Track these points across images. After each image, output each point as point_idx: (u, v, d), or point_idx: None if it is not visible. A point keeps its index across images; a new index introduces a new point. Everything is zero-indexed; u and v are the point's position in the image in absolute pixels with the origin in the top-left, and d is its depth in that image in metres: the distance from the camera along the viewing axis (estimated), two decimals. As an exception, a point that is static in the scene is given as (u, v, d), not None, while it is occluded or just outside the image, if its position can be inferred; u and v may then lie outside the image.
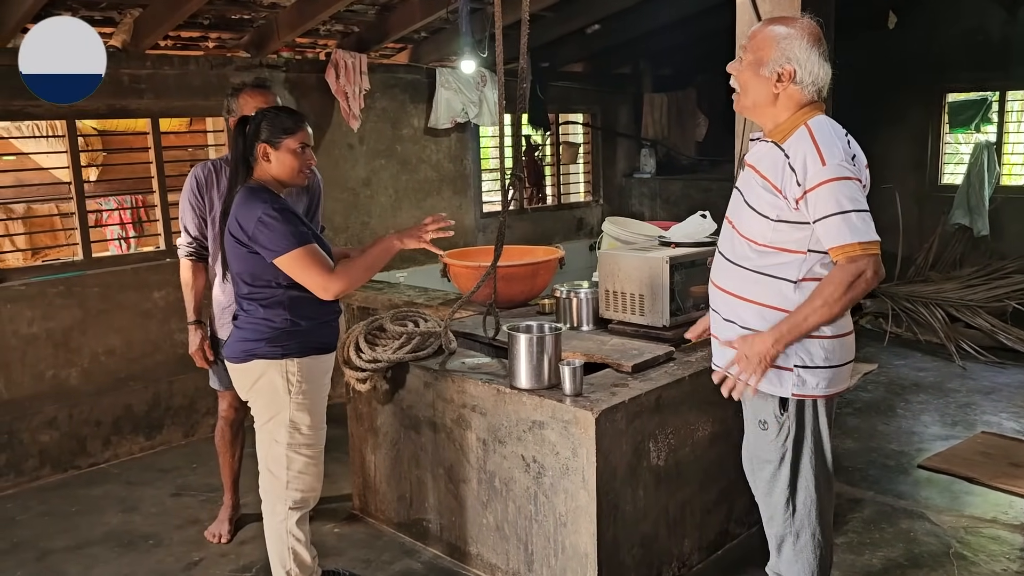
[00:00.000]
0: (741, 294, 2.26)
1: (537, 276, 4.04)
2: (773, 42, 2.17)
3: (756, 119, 2.31)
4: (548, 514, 2.79)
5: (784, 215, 2.14)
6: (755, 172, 2.24)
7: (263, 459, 2.73)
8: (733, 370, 2.25)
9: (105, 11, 4.18)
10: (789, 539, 2.39)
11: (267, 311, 2.61)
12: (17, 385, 4.06)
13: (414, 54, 5.79)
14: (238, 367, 2.67)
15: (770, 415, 2.28)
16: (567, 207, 7.14)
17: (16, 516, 3.78)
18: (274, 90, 3.37)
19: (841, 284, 2.06)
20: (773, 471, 2.33)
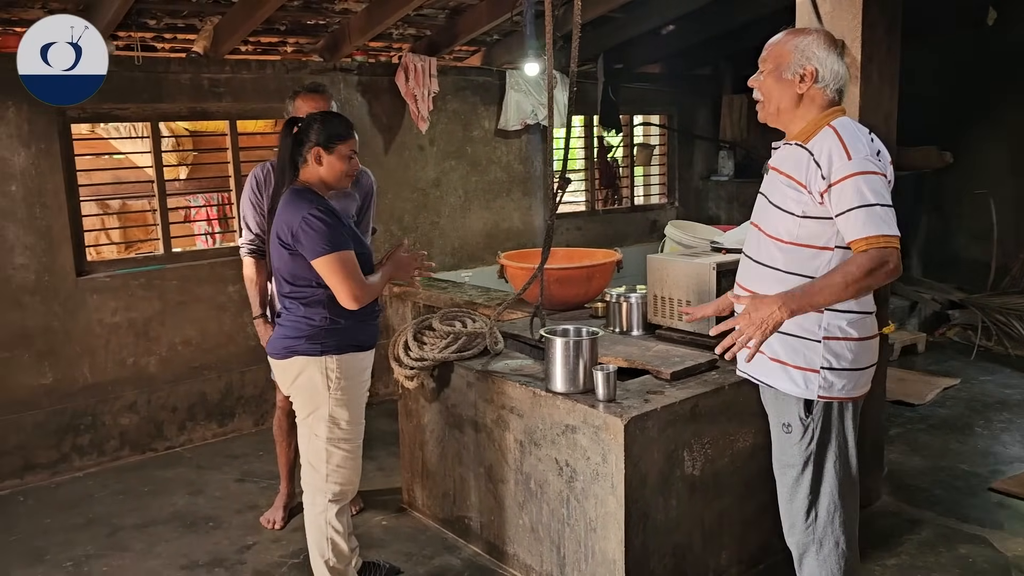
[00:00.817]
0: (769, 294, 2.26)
1: (592, 279, 4.04)
2: (791, 47, 2.26)
3: (781, 125, 2.35)
4: (579, 518, 2.79)
5: (810, 211, 2.17)
6: (779, 173, 2.28)
7: (304, 452, 2.83)
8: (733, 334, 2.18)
9: (187, 18, 4.41)
10: (812, 548, 2.37)
11: (307, 309, 2.70)
12: (101, 370, 4.33)
13: (486, 56, 5.86)
14: (279, 363, 2.77)
15: (795, 417, 2.29)
16: (640, 209, 7.07)
17: (95, 493, 4.04)
18: (330, 94, 3.48)
19: (863, 267, 2.06)
20: (796, 475, 2.33)
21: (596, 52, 6.04)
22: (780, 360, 2.27)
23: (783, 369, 2.27)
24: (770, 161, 2.36)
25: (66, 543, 3.53)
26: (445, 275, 5.49)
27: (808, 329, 2.22)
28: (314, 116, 2.79)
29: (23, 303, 4.08)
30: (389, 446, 4.25)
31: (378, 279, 2.78)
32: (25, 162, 4.03)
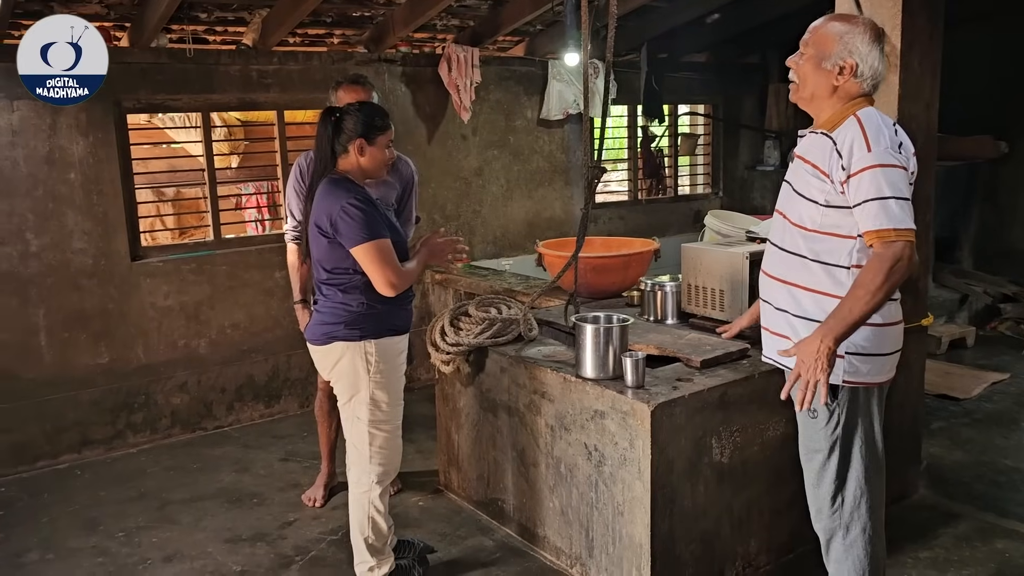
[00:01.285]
0: (794, 281, 2.31)
1: (629, 268, 4.07)
2: (836, 37, 2.24)
3: (811, 111, 2.36)
4: (607, 502, 2.84)
5: (832, 199, 2.19)
6: (803, 161, 2.30)
7: (347, 435, 2.92)
8: (799, 385, 2.19)
9: (237, 11, 4.54)
10: (838, 534, 2.39)
11: (345, 296, 2.77)
12: (154, 351, 4.51)
13: (529, 47, 5.89)
14: (319, 349, 2.85)
15: (820, 403, 2.26)
16: (684, 199, 7.05)
17: (147, 468, 4.22)
18: (371, 85, 3.54)
19: (880, 271, 2.07)
20: (823, 461, 2.35)
21: (639, 42, 6.03)
22: None
23: None
24: (796, 149, 2.38)
25: (119, 514, 3.71)
26: (486, 263, 5.57)
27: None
28: (354, 107, 2.85)
29: (81, 286, 4.26)
30: (428, 429, 4.34)
31: (414, 265, 2.86)
32: (83, 151, 4.21)
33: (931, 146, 3.30)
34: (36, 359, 4.19)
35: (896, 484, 3.43)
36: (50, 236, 4.17)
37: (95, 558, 3.34)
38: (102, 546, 3.43)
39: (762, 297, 2.46)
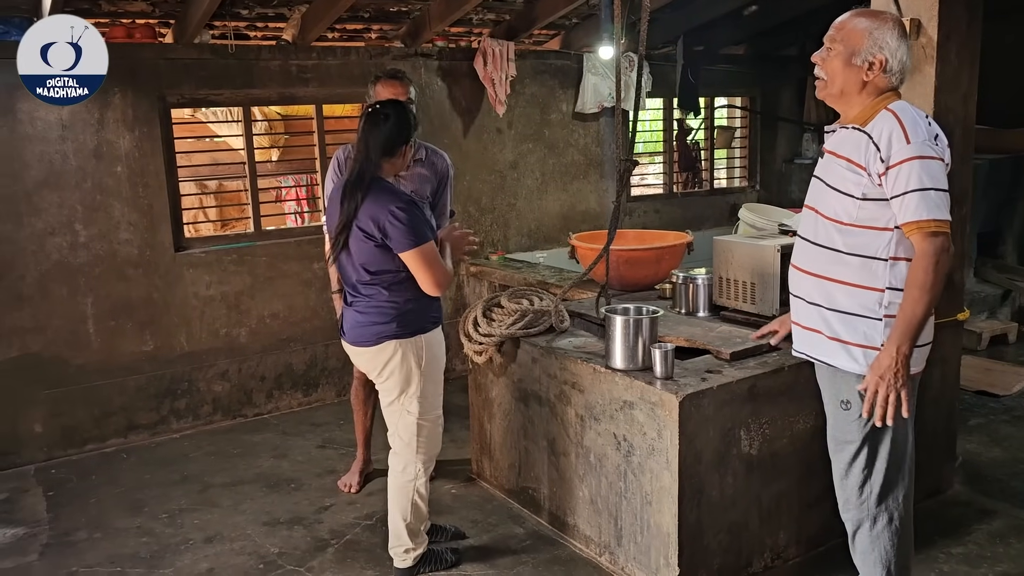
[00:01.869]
0: (828, 275, 2.31)
1: (662, 261, 4.08)
2: (865, 32, 2.24)
3: (840, 107, 2.36)
4: (636, 492, 2.87)
5: (870, 192, 2.20)
6: (836, 156, 2.30)
7: (395, 428, 2.96)
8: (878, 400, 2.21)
9: (277, 8, 4.63)
10: (865, 524, 2.41)
11: (390, 293, 2.78)
12: (196, 340, 4.64)
13: (565, 40, 5.91)
14: (369, 350, 2.84)
15: (854, 394, 2.30)
16: (720, 192, 7.01)
17: (189, 453, 4.35)
18: (409, 80, 3.58)
19: (930, 266, 2.11)
20: (853, 452, 2.36)
21: (676, 34, 6.01)
22: (840, 339, 2.30)
23: (843, 347, 2.30)
24: (825, 144, 2.39)
25: (162, 497, 3.83)
26: (521, 255, 5.61)
27: (869, 308, 2.25)
28: (400, 108, 2.85)
29: (127, 276, 4.40)
30: (462, 419, 4.40)
31: (449, 263, 2.93)
32: (129, 145, 4.34)
33: (968, 139, 3.26)
34: (84, 346, 4.34)
35: (930, 479, 3.41)
36: (98, 227, 4.31)
37: (140, 538, 3.46)
38: (146, 526, 3.55)
39: (793, 292, 2.46)
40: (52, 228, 4.20)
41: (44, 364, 4.25)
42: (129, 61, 4.28)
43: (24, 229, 4.14)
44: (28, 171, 4.12)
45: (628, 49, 5.51)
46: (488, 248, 5.61)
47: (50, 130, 4.15)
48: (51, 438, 4.30)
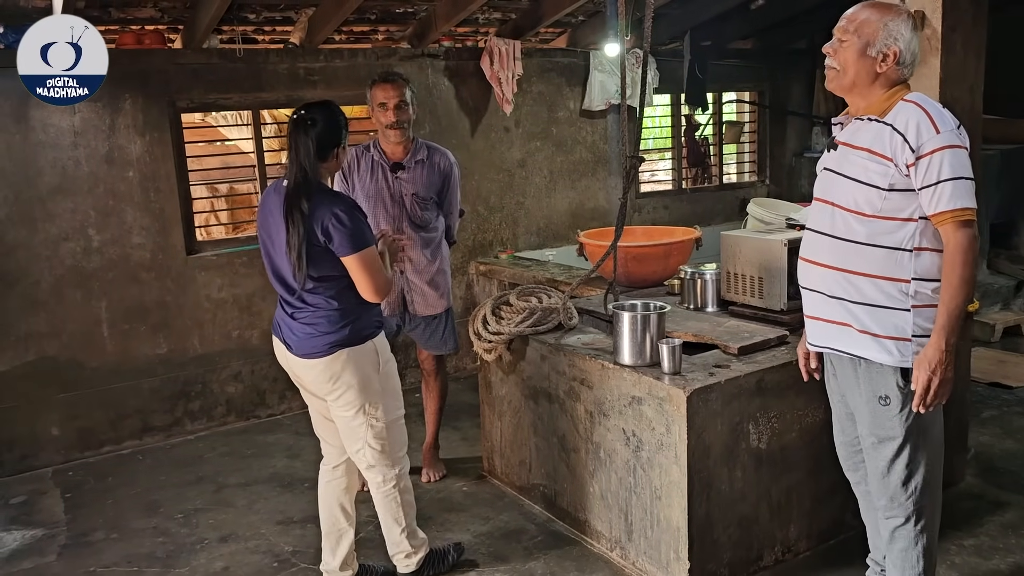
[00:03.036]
0: (850, 267, 2.27)
1: (670, 257, 4.09)
2: (879, 24, 2.23)
3: (852, 98, 2.33)
4: (645, 487, 2.88)
5: (896, 183, 2.18)
6: (854, 148, 2.27)
7: (363, 441, 2.80)
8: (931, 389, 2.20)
9: (284, 11, 4.67)
10: (911, 520, 2.35)
11: (338, 300, 2.67)
12: (209, 341, 4.68)
13: (572, 38, 5.92)
14: (321, 361, 2.68)
15: (892, 388, 2.27)
16: (729, 187, 6.99)
17: (204, 454, 4.40)
18: (404, 80, 3.58)
19: (968, 257, 2.11)
20: (896, 448, 2.30)
21: (683, 29, 6.00)
22: (870, 332, 2.26)
23: (875, 340, 2.26)
24: (838, 136, 2.35)
25: (178, 497, 3.87)
26: (530, 253, 5.63)
27: (895, 298, 2.23)
28: (333, 111, 2.71)
29: (140, 279, 4.45)
30: (472, 417, 4.42)
31: (388, 270, 2.82)
32: (141, 150, 4.39)
33: (976, 129, 3.24)
34: (99, 349, 4.39)
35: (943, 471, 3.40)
36: (111, 232, 4.36)
37: (155, 538, 3.50)
38: (162, 527, 3.60)
39: (807, 286, 2.42)
40: (66, 233, 4.25)
41: (60, 368, 4.31)
42: (139, 67, 4.33)
43: (39, 235, 4.19)
44: (42, 177, 4.17)
45: (634, 45, 5.52)
46: (497, 247, 5.63)
47: (63, 137, 4.20)
48: (68, 441, 4.35)
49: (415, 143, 3.68)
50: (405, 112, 3.54)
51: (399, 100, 3.51)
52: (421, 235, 3.67)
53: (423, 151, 3.67)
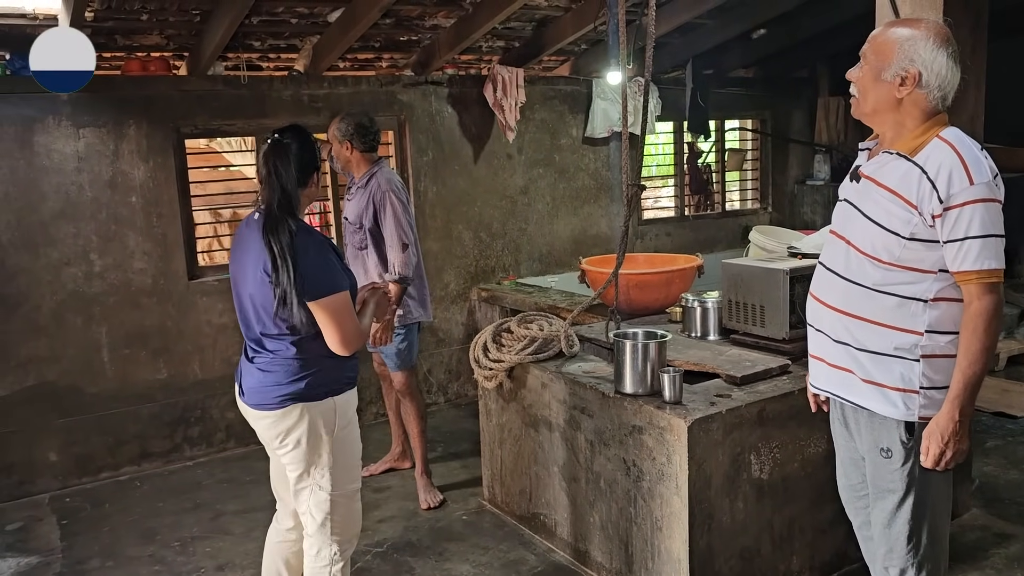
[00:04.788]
0: (859, 313, 2.12)
1: (672, 284, 4.08)
2: (895, 44, 2.04)
3: (876, 126, 2.16)
4: (646, 517, 2.85)
5: (919, 233, 2.00)
6: (878, 185, 2.09)
7: (305, 505, 2.55)
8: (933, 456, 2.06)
9: (289, 39, 4.71)
10: (911, 572, 2.21)
11: (299, 349, 2.40)
12: (209, 367, 4.67)
13: (574, 66, 5.96)
14: (270, 415, 2.43)
15: (895, 442, 2.12)
16: (731, 214, 7.00)
17: (202, 481, 4.36)
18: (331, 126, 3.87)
19: (990, 325, 1.95)
20: (897, 501, 2.15)
21: (685, 58, 6.04)
22: (875, 381, 2.11)
23: (878, 391, 2.10)
24: (863, 168, 2.16)
25: (175, 525, 3.84)
26: (532, 280, 5.62)
27: (903, 348, 2.06)
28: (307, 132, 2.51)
29: (141, 304, 4.45)
30: (474, 444, 4.40)
31: (367, 320, 2.57)
32: (144, 175, 4.41)
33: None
34: (99, 374, 4.38)
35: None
36: (112, 256, 4.36)
37: (152, 566, 3.47)
38: (159, 555, 3.56)
39: (815, 325, 2.27)
40: (68, 258, 4.26)
41: (59, 393, 4.29)
42: (144, 93, 4.36)
43: (40, 259, 4.20)
44: (45, 202, 4.19)
45: (636, 74, 5.55)
46: (499, 273, 5.63)
47: (66, 162, 4.22)
48: (66, 466, 4.33)
49: (369, 169, 3.83)
50: (333, 149, 3.86)
51: (331, 140, 3.86)
52: (360, 254, 3.85)
53: (365, 178, 3.81)
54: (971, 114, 3.18)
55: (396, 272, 3.64)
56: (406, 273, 3.65)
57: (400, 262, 3.64)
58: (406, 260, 3.64)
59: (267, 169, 2.39)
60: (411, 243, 3.70)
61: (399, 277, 3.64)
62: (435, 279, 5.34)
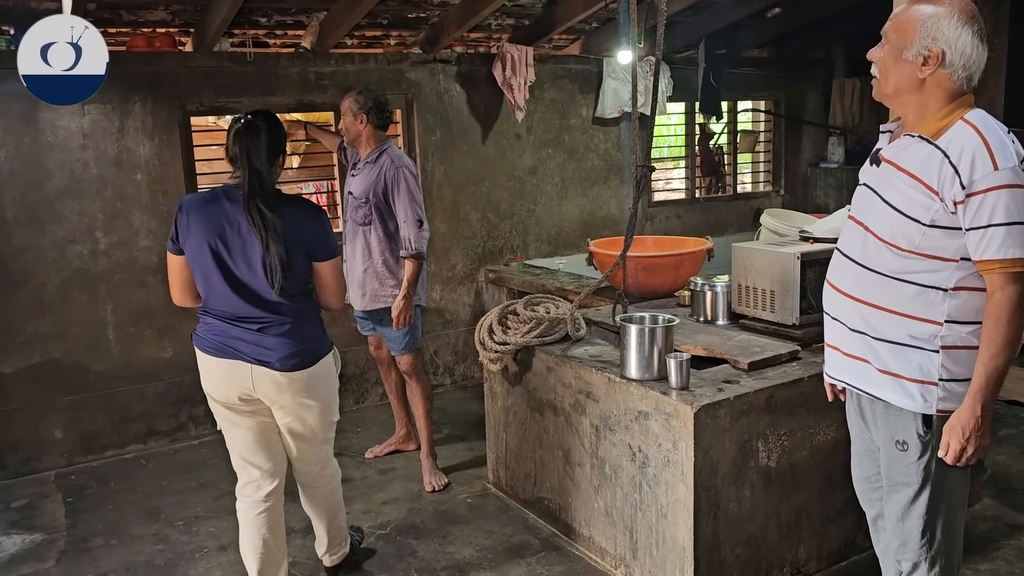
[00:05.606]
0: (876, 302, 2.04)
1: (681, 267, 4.03)
2: (917, 22, 1.94)
3: (898, 108, 2.07)
4: (651, 504, 2.82)
5: (940, 220, 1.92)
6: (898, 169, 2.01)
7: (320, 441, 2.81)
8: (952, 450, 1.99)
9: (295, 15, 4.64)
10: (923, 566, 2.15)
11: (310, 308, 2.67)
12: (215, 347, 4.64)
13: (585, 45, 5.86)
14: (310, 371, 2.62)
15: (912, 435, 2.04)
16: (743, 197, 6.91)
17: (207, 460, 4.36)
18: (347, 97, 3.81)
19: (1013, 314, 1.86)
20: (912, 495, 2.08)
21: (697, 37, 5.94)
22: (892, 372, 2.03)
23: (896, 382, 2.03)
24: (884, 152, 2.08)
25: (179, 504, 3.84)
26: (540, 262, 5.57)
27: (922, 338, 1.98)
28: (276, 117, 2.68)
29: (146, 282, 4.42)
30: (479, 427, 4.37)
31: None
32: (149, 152, 4.37)
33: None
34: (105, 352, 4.37)
35: (956, 493, 3.31)
36: (118, 234, 4.34)
37: (155, 545, 3.47)
38: (162, 534, 3.56)
39: (831, 313, 2.19)
40: (73, 236, 4.24)
41: (65, 371, 4.29)
42: (149, 69, 4.31)
43: (46, 237, 4.18)
44: (50, 179, 4.16)
45: (647, 53, 5.46)
46: (507, 254, 5.58)
47: (71, 139, 4.18)
48: (71, 444, 4.33)
49: (379, 146, 3.79)
50: (344, 121, 3.82)
51: (341, 110, 3.83)
52: (361, 230, 3.78)
53: (375, 154, 3.77)
54: (990, 97, 3.09)
55: (412, 247, 3.62)
56: (422, 249, 3.64)
57: (415, 238, 3.62)
58: (421, 237, 3.64)
59: (239, 147, 2.53)
60: (425, 220, 3.69)
61: (415, 252, 3.62)
62: (442, 260, 5.29)
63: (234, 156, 2.55)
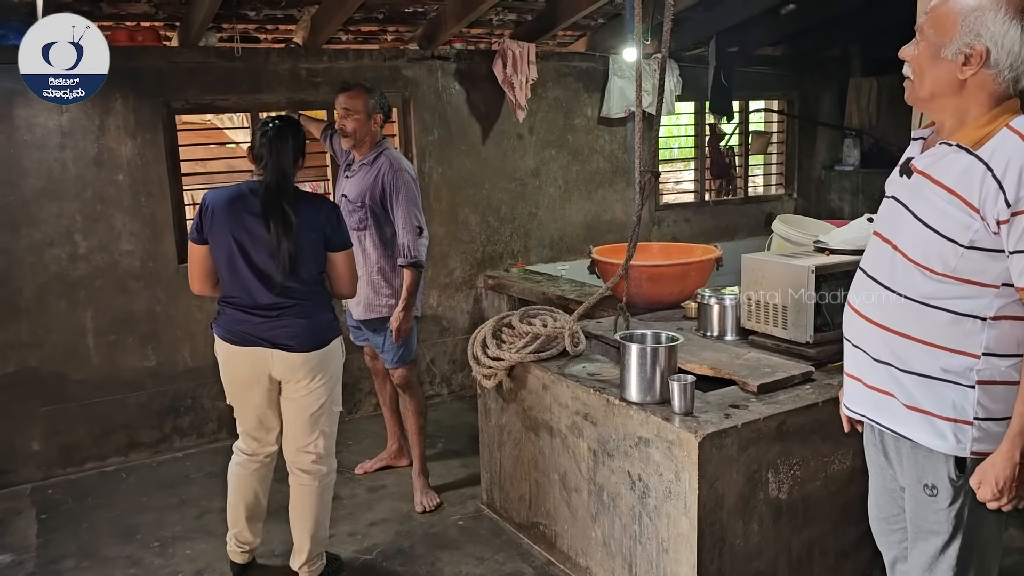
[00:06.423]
0: (904, 330, 1.82)
1: (687, 277, 3.82)
2: (959, 16, 1.72)
3: (934, 113, 1.84)
4: (651, 537, 2.61)
5: (980, 240, 1.70)
6: (932, 182, 1.78)
7: (318, 429, 2.93)
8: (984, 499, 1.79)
9: (285, 9, 4.44)
10: None
11: (322, 295, 2.88)
12: (200, 355, 4.46)
13: (591, 41, 5.65)
14: (324, 351, 2.85)
15: (942, 479, 1.82)
16: (754, 200, 6.68)
17: (190, 474, 4.17)
18: (365, 88, 3.61)
19: None
20: (940, 544, 1.86)
21: (708, 34, 5.71)
22: (921, 408, 1.81)
23: (926, 419, 1.81)
24: (916, 161, 1.86)
25: (157, 523, 3.65)
26: (542, 267, 5.37)
27: (956, 372, 1.77)
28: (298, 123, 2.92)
29: (128, 288, 4.24)
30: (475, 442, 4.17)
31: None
32: (131, 152, 4.18)
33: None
34: (84, 361, 4.18)
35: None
36: (98, 238, 4.15)
37: (128, 568, 3.28)
38: (136, 556, 3.37)
39: (852, 340, 1.98)
40: (51, 239, 4.05)
41: (42, 380, 4.10)
42: (131, 65, 4.11)
43: (22, 240, 3.99)
44: (26, 180, 3.98)
45: (655, 51, 5.24)
46: (508, 259, 5.37)
47: (49, 137, 4.00)
48: (49, 456, 4.15)
49: (377, 147, 3.59)
50: (352, 122, 3.54)
51: (348, 109, 3.55)
52: (355, 235, 3.53)
53: (372, 155, 3.57)
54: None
55: (411, 255, 3.44)
56: (421, 257, 3.46)
57: (414, 245, 3.44)
58: (420, 244, 3.46)
59: (269, 148, 2.76)
60: (424, 228, 3.50)
61: (414, 260, 3.44)
62: (440, 265, 5.09)
63: (260, 156, 2.78)
